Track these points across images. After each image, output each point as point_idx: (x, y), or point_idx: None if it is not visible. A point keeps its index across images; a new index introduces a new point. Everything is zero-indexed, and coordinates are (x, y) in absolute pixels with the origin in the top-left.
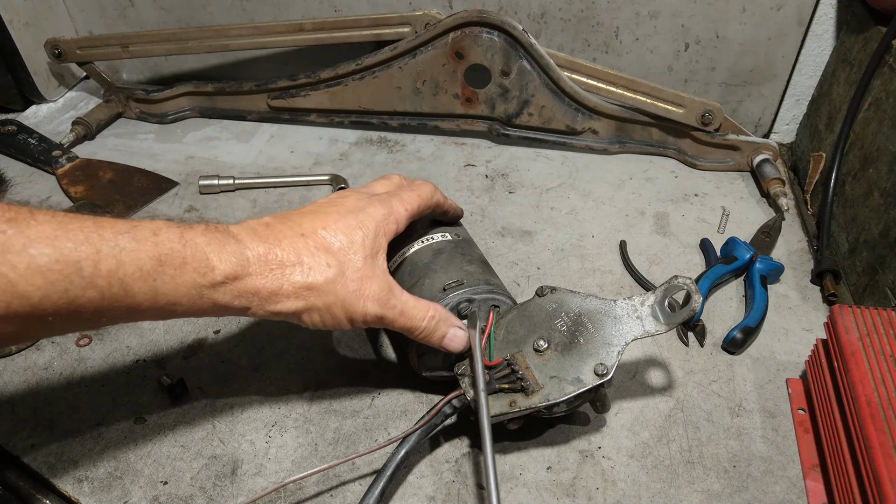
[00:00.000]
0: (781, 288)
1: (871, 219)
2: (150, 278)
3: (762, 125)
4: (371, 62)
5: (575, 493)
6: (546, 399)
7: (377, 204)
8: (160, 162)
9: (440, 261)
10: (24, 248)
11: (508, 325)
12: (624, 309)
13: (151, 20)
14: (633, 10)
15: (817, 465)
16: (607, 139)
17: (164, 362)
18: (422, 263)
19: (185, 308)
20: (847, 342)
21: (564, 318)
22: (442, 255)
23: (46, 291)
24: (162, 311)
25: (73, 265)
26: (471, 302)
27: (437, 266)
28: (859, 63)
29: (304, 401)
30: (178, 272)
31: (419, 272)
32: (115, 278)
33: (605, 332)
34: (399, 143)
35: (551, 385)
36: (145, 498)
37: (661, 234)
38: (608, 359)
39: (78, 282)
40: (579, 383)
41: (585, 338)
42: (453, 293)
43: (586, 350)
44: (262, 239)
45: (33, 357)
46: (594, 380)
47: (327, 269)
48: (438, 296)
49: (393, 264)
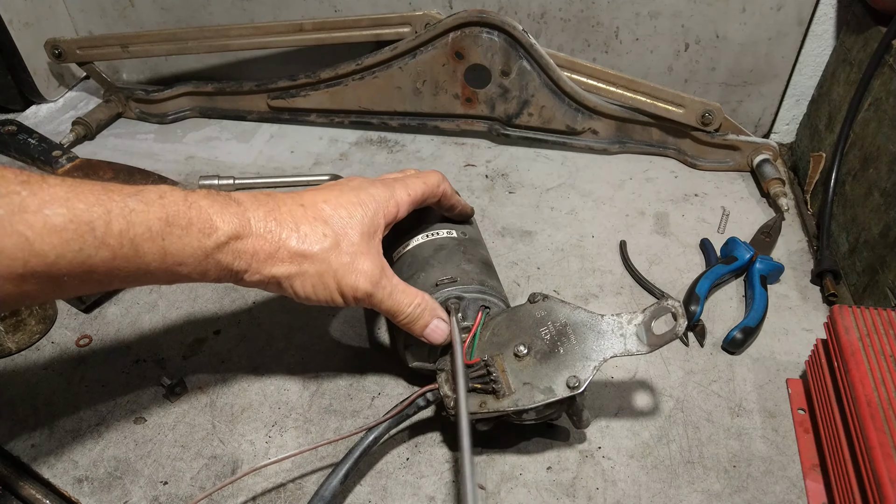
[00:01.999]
0: (781, 288)
1: (871, 219)
2: (159, 238)
3: (762, 125)
4: (371, 62)
5: (575, 493)
6: (515, 404)
7: (380, 185)
8: (160, 162)
9: (440, 256)
10: (39, 208)
11: (496, 328)
12: (609, 325)
13: (151, 20)
14: (633, 10)
15: (817, 465)
16: (607, 139)
17: (164, 362)
18: (422, 257)
19: (190, 269)
20: (847, 342)
21: (550, 327)
22: (443, 251)
23: (62, 250)
24: (168, 271)
25: (86, 225)
26: (460, 300)
27: (436, 261)
28: (859, 63)
29: (304, 401)
30: (185, 232)
31: (417, 265)
32: (125, 238)
33: (587, 345)
34: (399, 143)
35: (523, 391)
36: (145, 498)
37: (661, 234)
38: (583, 372)
39: (91, 241)
40: (549, 393)
41: (566, 349)
42: (444, 289)
43: (563, 361)
44: (262, 204)
45: (33, 357)
46: (565, 392)
47: (323, 238)
48: (430, 290)
49: (395, 255)
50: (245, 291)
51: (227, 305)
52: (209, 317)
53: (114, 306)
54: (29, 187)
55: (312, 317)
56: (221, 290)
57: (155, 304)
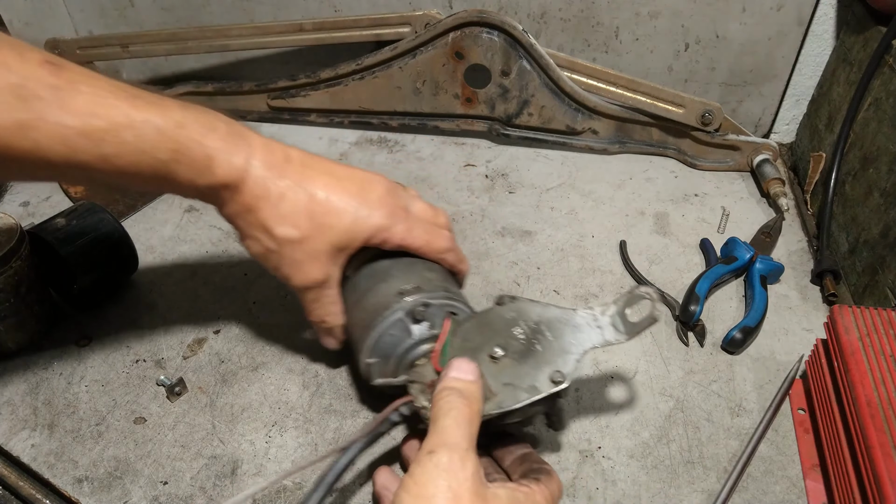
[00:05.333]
0: (781, 288)
1: (871, 219)
2: (162, 166)
3: (762, 125)
4: (371, 62)
5: (575, 493)
6: (499, 406)
7: (386, 216)
8: None
9: (400, 266)
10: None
11: (465, 334)
12: (584, 318)
13: (151, 20)
14: (633, 10)
15: (817, 465)
16: (607, 139)
17: (164, 362)
18: (381, 269)
19: (179, 191)
20: (847, 342)
21: (523, 327)
22: (402, 262)
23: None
24: (160, 188)
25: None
26: (426, 307)
27: (396, 271)
28: (859, 63)
29: (304, 401)
30: (185, 168)
31: (377, 277)
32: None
33: (564, 340)
34: (399, 143)
35: (505, 392)
36: (145, 498)
37: (661, 234)
38: (565, 366)
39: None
40: (534, 391)
41: (543, 346)
42: (410, 297)
43: (543, 358)
44: (269, 167)
45: (33, 357)
46: (550, 387)
47: (292, 229)
48: (394, 300)
49: (352, 269)
50: (245, 291)
51: (227, 305)
52: (209, 317)
53: (114, 306)
54: (56, 93)
55: None
56: (221, 290)
57: (155, 304)
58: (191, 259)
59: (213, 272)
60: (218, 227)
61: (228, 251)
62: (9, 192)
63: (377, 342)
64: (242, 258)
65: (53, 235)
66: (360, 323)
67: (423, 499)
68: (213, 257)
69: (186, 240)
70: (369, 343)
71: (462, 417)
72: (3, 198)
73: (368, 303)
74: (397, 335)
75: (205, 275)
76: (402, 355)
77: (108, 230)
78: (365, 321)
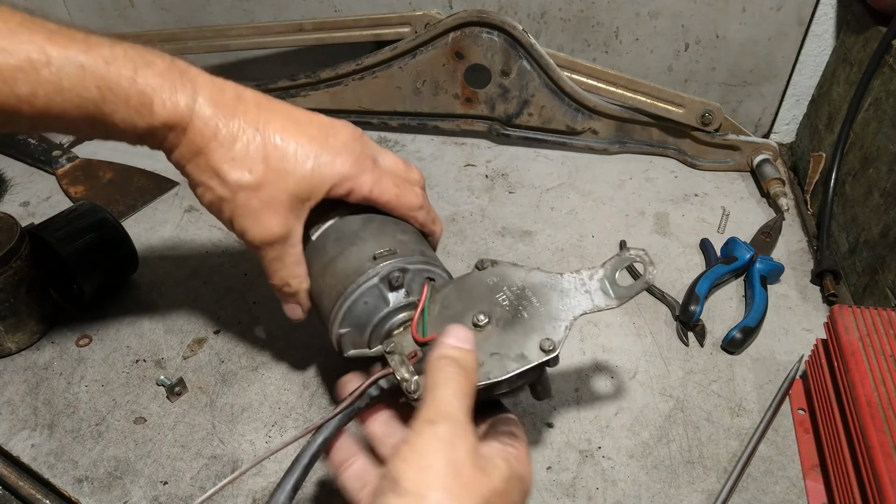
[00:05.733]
0: (781, 288)
1: (871, 219)
2: (90, 105)
3: (762, 125)
4: (371, 62)
5: (575, 493)
6: (486, 377)
7: (351, 163)
8: (160, 162)
9: (370, 229)
10: None
11: (444, 300)
12: (571, 283)
13: (151, 20)
14: (633, 10)
15: (817, 465)
16: (607, 139)
17: (164, 362)
18: (349, 231)
19: (123, 136)
20: (847, 342)
21: (506, 293)
22: (372, 223)
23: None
24: (98, 134)
25: (10, 80)
26: (403, 272)
27: (367, 234)
28: (859, 63)
29: (304, 401)
30: (118, 108)
31: (346, 240)
32: (54, 97)
33: (552, 306)
34: (399, 143)
35: (492, 362)
36: (145, 498)
37: (661, 234)
38: (555, 334)
39: (12, 102)
40: (523, 360)
41: (530, 312)
42: (384, 262)
43: (531, 325)
44: (218, 105)
45: (33, 357)
46: (540, 356)
47: (246, 174)
48: (368, 265)
49: (316, 230)
50: (245, 291)
51: (227, 305)
52: (209, 317)
53: (114, 306)
54: None
55: (312, 317)
56: (221, 290)
57: (155, 304)
58: (191, 259)
59: (213, 272)
60: (218, 227)
61: (228, 251)
62: (9, 192)
63: (349, 310)
64: (242, 258)
65: (53, 235)
66: (329, 291)
67: (424, 470)
68: (213, 257)
69: (186, 240)
70: (341, 311)
71: (460, 389)
72: (3, 198)
73: (338, 268)
74: (372, 303)
75: (205, 275)
76: (378, 325)
77: (108, 230)
78: (335, 288)
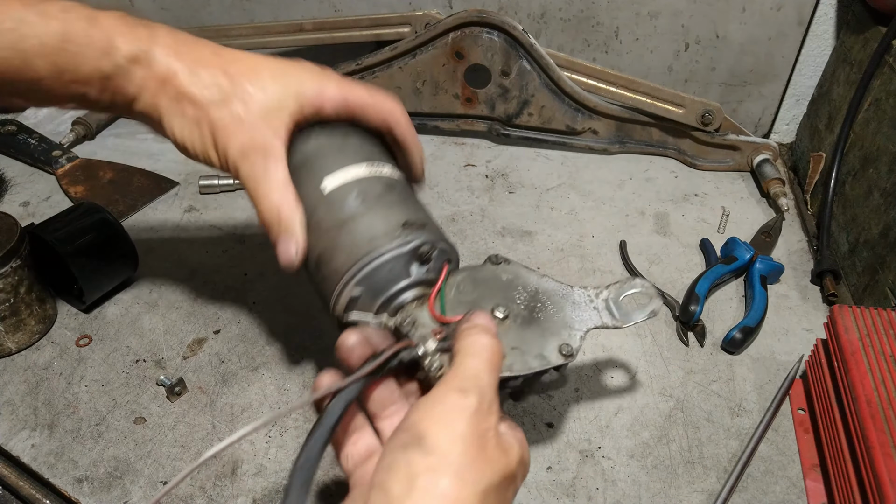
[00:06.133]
0: (781, 288)
1: (871, 219)
2: (53, 54)
3: (762, 125)
4: (371, 62)
5: (575, 493)
6: (509, 369)
7: (315, 73)
8: (160, 162)
9: (394, 195)
10: None
11: (459, 286)
12: (582, 297)
13: (151, 20)
14: (633, 10)
15: (817, 465)
16: (607, 139)
17: (164, 362)
18: (374, 193)
19: (92, 90)
20: (847, 342)
21: (521, 292)
22: (394, 191)
23: None
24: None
25: None
26: (432, 248)
27: (393, 199)
28: (859, 63)
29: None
30: (81, 50)
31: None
32: (16, 49)
33: (565, 314)
34: None
35: (513, 356)
36: (145, 498)
37: (661, 234)
38: (572, 341)
39: None
40: (543, 360)
41: (545, 316)
42: (416, 232)
43: (547, 328)
44: (176, 37)
45: (33, 357)
46: (559, 359)
47: (215, 87)
48: (401, 232)
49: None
50: (245, 291)
51: (227, 305)
52: (209, 317)
53: (114, 306)
54: None
55: (312, 316)
56: (221, 290)
57: (155, 304)
58: (191, 259)
59: (213, 272)
60: (218, 227)
61: (228, 251)
62: (9, 192)
63: (372, 273)
64: (242, 258)
65: (53, 235)
66: (348, 248)
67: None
68: (213, 257)
69: (186, 240)
70: (362, 272)
71: (491, 363)
72: (3, 198)
73: (362, 225)
74: (396, 271)
75: (205, 275)
76: (394, 295)
77: (108, 230)
78: (358, 247)
